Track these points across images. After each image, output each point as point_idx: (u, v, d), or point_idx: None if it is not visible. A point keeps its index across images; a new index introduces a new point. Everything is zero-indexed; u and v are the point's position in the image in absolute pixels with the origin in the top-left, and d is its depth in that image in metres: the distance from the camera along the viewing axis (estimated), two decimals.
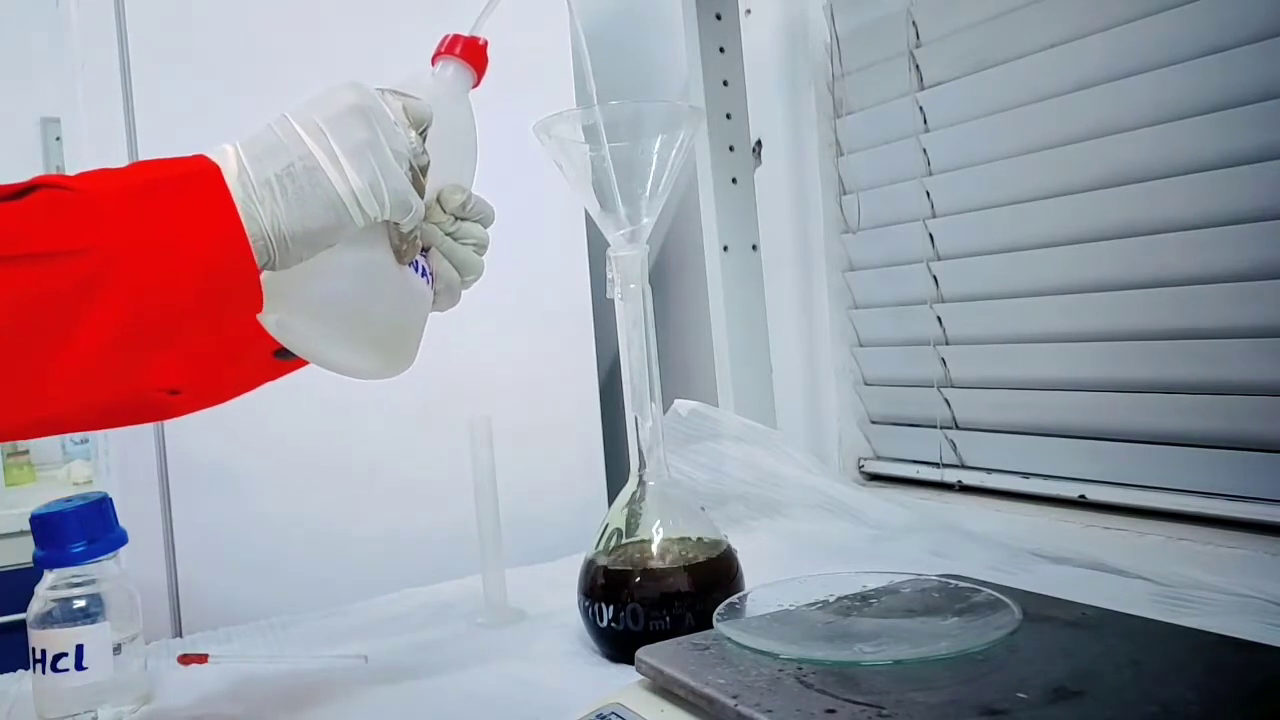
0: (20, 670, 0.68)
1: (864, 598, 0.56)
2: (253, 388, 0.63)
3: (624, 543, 0.66)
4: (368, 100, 0.50)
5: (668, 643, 0.53)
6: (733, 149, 1.09)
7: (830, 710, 0.42)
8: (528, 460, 1.03)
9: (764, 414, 1.09)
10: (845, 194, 1.07)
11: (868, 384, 1.07)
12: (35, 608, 0.61)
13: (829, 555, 0.84)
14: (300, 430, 0.98)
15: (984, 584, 0.55)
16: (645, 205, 0.66)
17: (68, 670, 0.60)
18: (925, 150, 0.96)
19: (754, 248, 1.11)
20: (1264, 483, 0.71)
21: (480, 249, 0.59)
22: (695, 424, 1.07)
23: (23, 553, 1.54)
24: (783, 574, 0.61)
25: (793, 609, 0.56)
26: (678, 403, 1.08)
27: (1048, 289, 0.86)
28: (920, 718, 0.40)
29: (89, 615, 0.61)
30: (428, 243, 0.56)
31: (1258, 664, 0.44)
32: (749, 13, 1.11)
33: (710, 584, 0.64)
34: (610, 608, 0.64)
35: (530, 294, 1.11)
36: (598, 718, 0.50)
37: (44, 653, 0.60)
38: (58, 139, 2.11)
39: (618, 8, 1.41)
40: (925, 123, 0.97)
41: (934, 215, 0.96)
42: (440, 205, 0.56)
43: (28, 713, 0.62)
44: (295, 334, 0.53)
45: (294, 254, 0.48)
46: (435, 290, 0.58)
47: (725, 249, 1.09)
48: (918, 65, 0.97)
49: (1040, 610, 0.52)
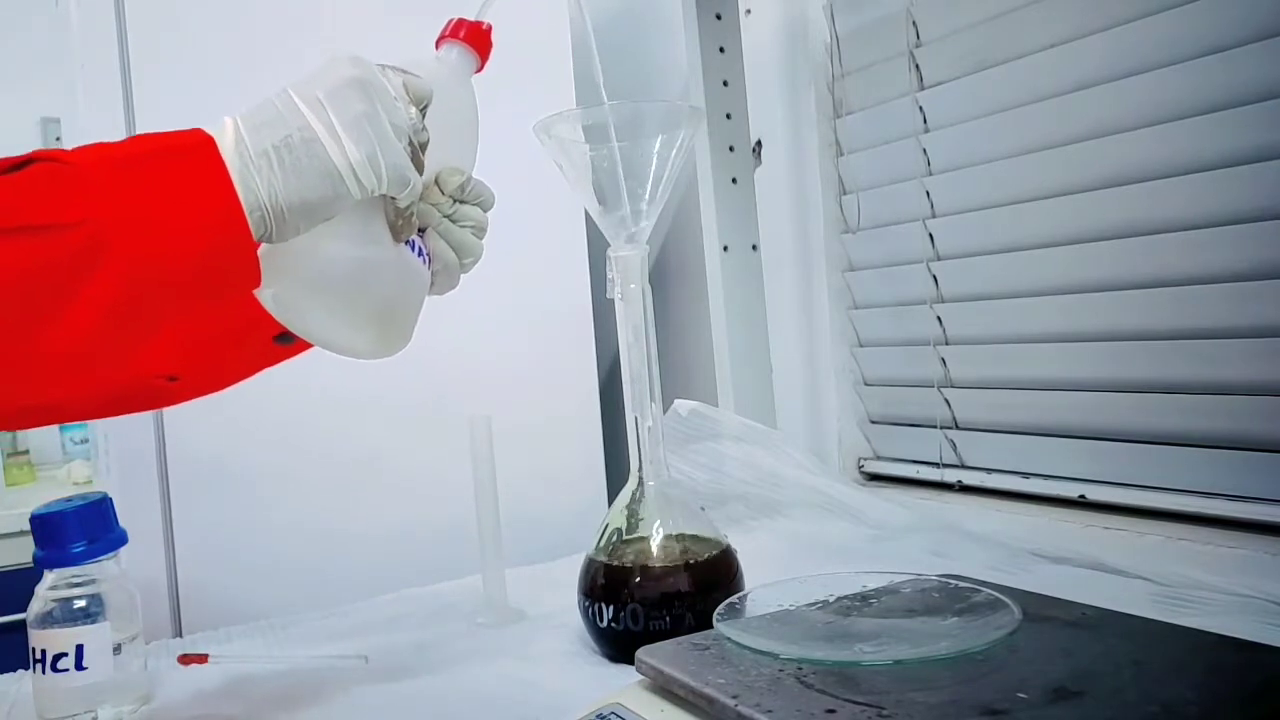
0: (20, 670, 0.68)
1: (864, 598, 0.56)
2: (252, 373, 0.63)
3: (624, 543, 0.66)
4: (368, 74, 0.50)
5: (668, 643, 0.53)
6: (733, 149, 1.09)
7: (830, 710, 0.42)
8: (528, 460, 1.03)
9: (764, 414, 1.09)
10: (845, 194, 1.07)
11: (868, 384, 1.07)
12: (35, 608, 0.61)
13: (829, 555, 0.84)
14: (300, 430, 0.98)
15: (984, 584, 0.55)
16: (645, 205, 0.66)
17: (68, 670, 0.60)
18: (925, 150, 0.96)
19: (754, 248, 1.11)
20: (1264, 483, 0.71)
21: (479, 232, 0.58)
22: (695, 424, 1.07)
23: (23, 553, 1.54)
24: (783, 574, 0.61)
25: (793, 609, 0.56)
26: (678, 403, 1.08)
27: (1048, 289, 0.86)
28: (920, 718, 0.40)
29: (89, 615, 0.61)
30: (425, 223, 0.56)
31: (1258, 664, 0.44)
32: (749, 13, 1.11)
33: (710, 584, 0.64)
34: (610, 608, 0.64)
35: (530, 294, 1.11)
36: (598, 718, 0.50)
37: (44, 653, 0.60)
38: (58, 139, 2.11)
39: (618, 8, 1.41)
40: (925, 123, 0.97)
41: (934, 215, 0.96)
42: (439, 187, 0.56)
43: (28, 713, 0.62)
44: (291, 309, 0.53)
45: (291, 226, 0.48)
46: (433, 271, 0.57)
47: (725, 249, 1.09)
48: (918, 65, 0.97)
49: (1040, 610, 0.52)
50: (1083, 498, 0.83)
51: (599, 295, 1.12)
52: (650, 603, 0.63)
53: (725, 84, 1.09)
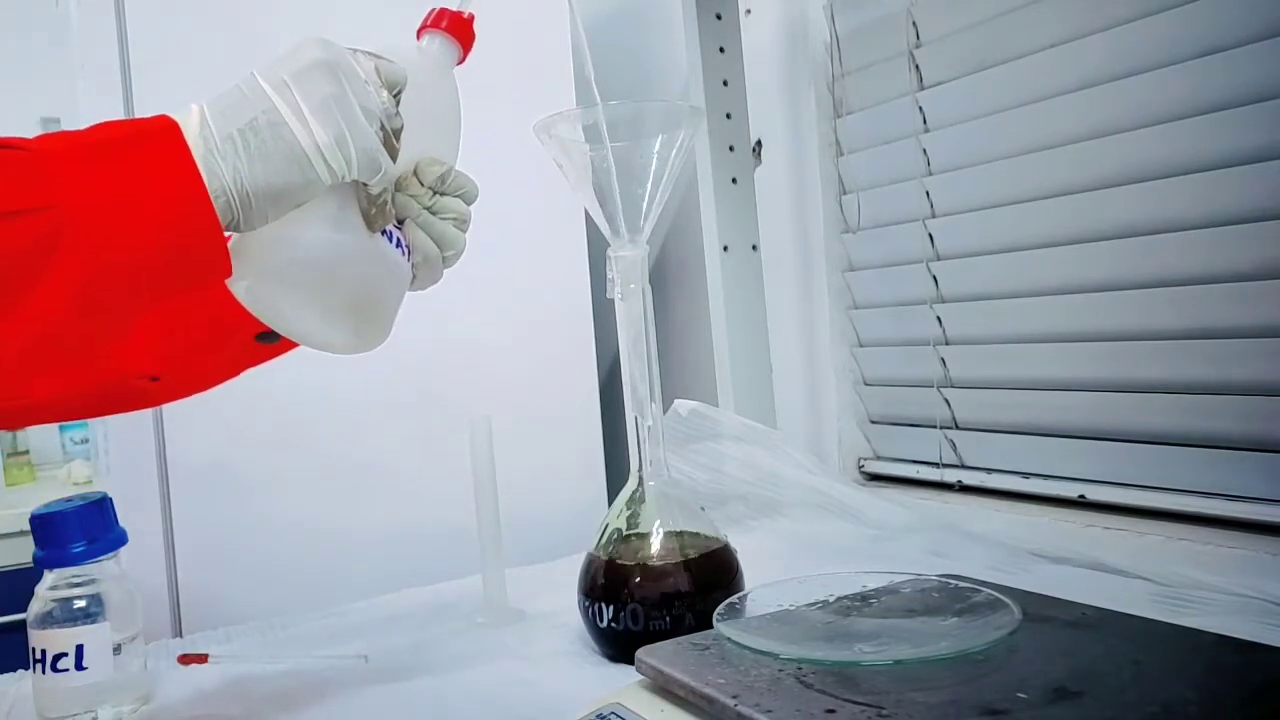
0: (20, 670, 0.68)
1: (864, 598, 0.56)
2: (235, 374, 0.62)
3: (624, 542, 0.66)
4: (336, 56, 0.49)
5: (668, 643, 0.53)
6: (733, 149, 1.09)
7: (830, 710, 0.42)
8: (528, 460, 1.03)
9: (764, 414, 1.09)
10: (845, 194, 1.07)
11: (868, 384, 1.07)
12: (35, 608, 0.61)
13: (829, 555, 0.84)
14: (300, 430, 0.98)
15: (984, 584, 0.55)
16: (645, 205, 0.66)
17: (68, 670, 0.60)
18: (925, 150, 0.96)
19: (754, 248, 1.11)
20: (1264, 483, 0.71)
21: (461, 224, 0.57)
22: (695, 424, 1.07)
23: (23, 553, 1.54)
24: (783, 574, 0.61)
25: (793, 609, 0.55)
26: (678, 403, 1.09)
27: (1048, 289, 0.86)
28: (920, 718, 0.40)
29: (89, 615, 0.61)
30: (404, 215, 0.55)
31: (1258, 664, 0.44)
32: (749, 13, 1.11)
33: (710, 584, 0.64)
34: (610, 608, 0.64)
35: (530, 294, 1.11)
36: (598, 718, 0.50)
37: (44, 653, 0.60)
38: None
39: (618, 8, 1.41)
40: (925, 123, 0.97)
41: (934, 215, 0.96)
42: (418, 178, 0.54)
43: (28, 713, 0.62)
44: (265, 302, 0.51)
45: (259, 212, 0.47)
46: (413, 264, 0.56)
47: (725, 249, 1.09)
48: (918, 65, 0.97)
49: (1040, 610, 0.52)
50: (1083, 498, 0.83)
51: (599, 295, 1.12)
52: (650, 602, 0.63)
53: (725, 84, 1.09)
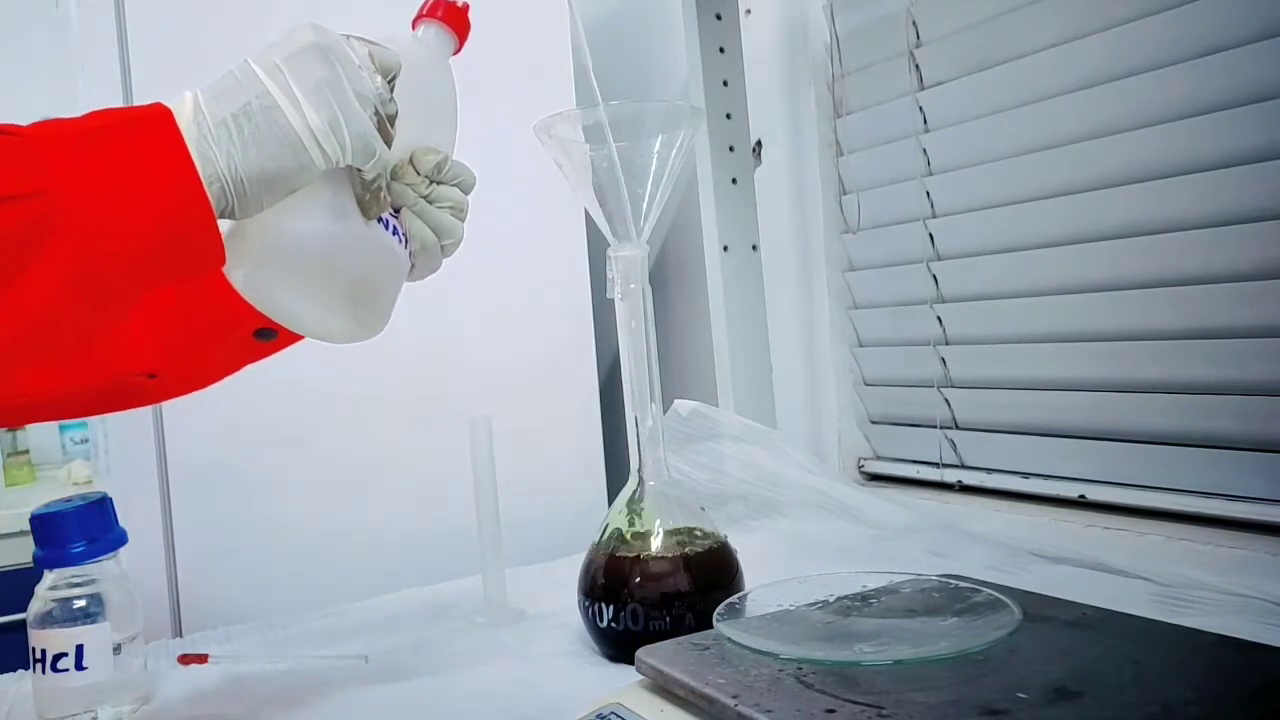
0: (20, 670, 0.68)
1: (864, 598, 0.56)
2: (234, 370, 0.62)
3: (624, 542, 0.66)
4: (329, 41, 0.49)
5: (668, 643, 0.53)
6: (733, 149, 1.09)
7: (830, 710, 0.42)
8: (528, 460, 1.03)
9: (764, 414, 1.09)
10: (845, 194, 1.07)
11: (868, 384, 1.07)
12: (35, 608, 0.61)
13: (829, 555, 0.84)
14: (300, 431, 0.98)
15: (984, 584, 0.55)
16: (645, 205, 0.66)
17: (68, 670, 0.60)
18: (925, 150, 0.96)
19: (754, 248, 1.11)
20: (1264, 483, 0.71)
21: (458, 213, 0.56)
22: (695, 424, 1.07)
23: (23, 553, 1.54)
24: (783, 574, 0.61)
25: (793, 609, 0.55)
26: (678, 403, 1.09)
27: (1048, 289, 0.86)
28: (920, 718, 0.40)
29: (89, 615, 0.61)
30: (400, 203, 0.54)
31: (1258, 664, 0.44)
32: (749, 13, 1.11)
33: (710, 584, 0.64)
34: (610, 608, 0.64)
35: (530, 294, 1.11)
36: (598, 718, 0.50)
37: (44, 653, 0.60)
38: None
39: (618, 8, 1.41)
40: (925, 123, 0.97)
41: (934, 215, 0.96)
42: (413, 166, 0.54)
43: (28, 713, 0.62)
44: (262, 290, 0.51)
45: (253, 199, 0.47)
46: (411, 252, 0.56)
47: (725, 249, 1.09)
48: (918, 65, 0.97)
49: (1040, 610, 0.52)
50: (1083, 498, 0.83)
51: (599, 295, 1.12)
52: (650, 602, 0.63)
53: (725, 84, 1.09)
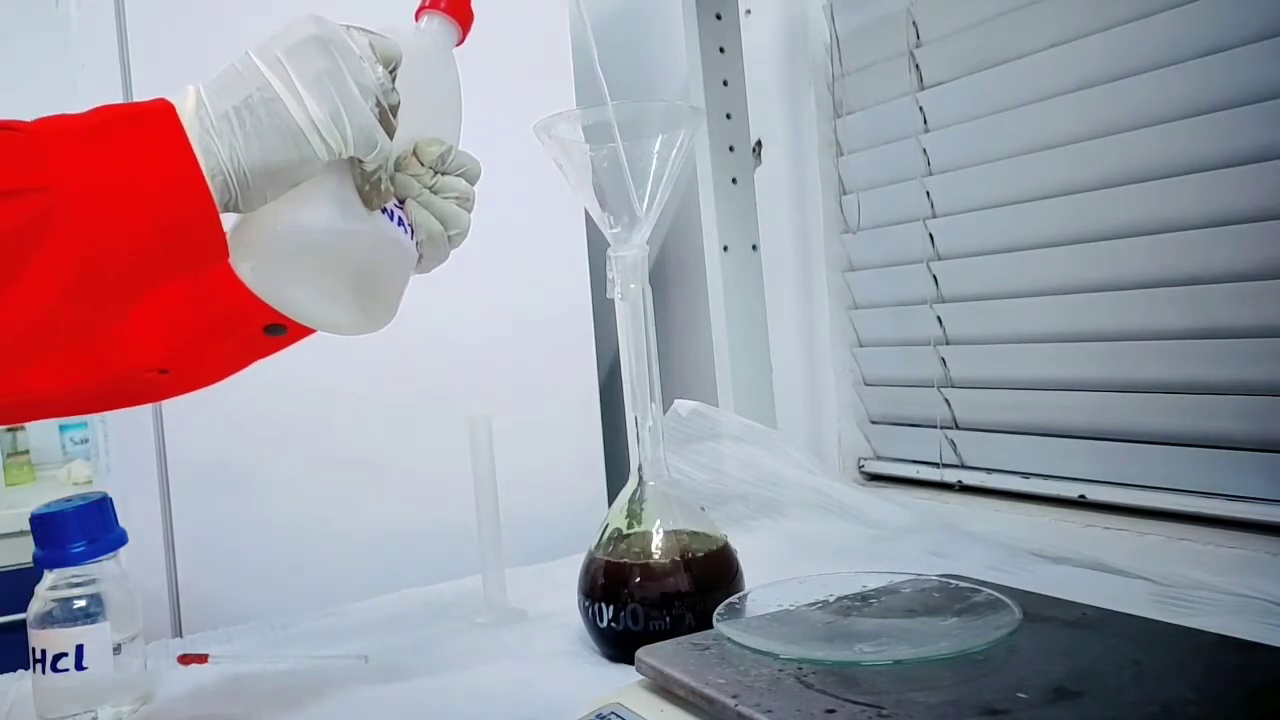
0: (20, 670, 0.68)
1: (864, 598, 0.56)
2: (244, 365, 0.62)
3: (624, 542, 0.66)
4: (329, 32, 0.48)
5: (668, 643, 0.53)
6: (733, 149, 1.09)
7: (830, 710, 0.42)
8: (528, 460, 1.03)
9: (764, 414, 1.09)
10: (845, 194, 1.07)
11: (868, 384, 1.07)
12: (35, 608, 0.61)
13: (829, 555, 0.84)
14: (300, 430, 0.98)
15: (984, 584, 0.55)
16: (645, 205, 0.66)
17: (68, 670, 0.60)
18: (925, 150, 0.96)
19: (754, 248, 1.11)
20: (1264, 483, 0.71)
21: (464, 203, 0.56)
22: (695, 424, 1.07)
23: (23, 553, 1.54)
24: (783, 574, 0.61)
25: (793, 609, 0.56)
26: (678, 403, 1.08)
27: (1048, 289, 0.86)
28: (920, 718, 0.40)
29: (89, 615, 0.61)
30: (405, 194, 0.54)
31: (1258, 664, 0.44)
32: (749, 13, 1.11)
33: (710, 584, 0.64)
34: (610, 608, 0.64)
35: (530, 294, 1.11)
36: (598, 718, 0.50)
37: (44, 653, 0.60)
38: None
39: (618, 8, 1.41)
40: (925, 123, 0.97)
41: (934, 215, 0.96)
42: (417, 157, 0.54)
43: (28, 713, 0.62)
44: (268, 282, 0.51)
45: (256, 191, 0.47)
46: (418, 242, 0.55)
47: (725, 249, 1.09)
48: (918, 65, 0.97)
49: (1040, 610, 0.52)
50: (1083, 498, 0.83)
51: (599, 295, 1.12)
52: (650, 602, 0.63)
53: (725, 84, 1.09)
